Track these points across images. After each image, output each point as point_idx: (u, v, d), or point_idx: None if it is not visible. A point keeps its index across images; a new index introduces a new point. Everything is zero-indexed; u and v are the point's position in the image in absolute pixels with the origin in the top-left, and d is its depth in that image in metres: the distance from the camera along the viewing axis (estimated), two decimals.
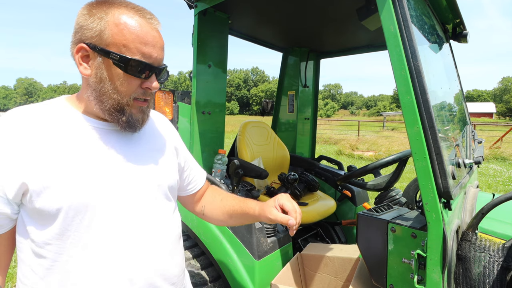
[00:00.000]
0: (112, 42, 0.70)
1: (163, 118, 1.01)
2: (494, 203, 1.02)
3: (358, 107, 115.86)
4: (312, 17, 2.02)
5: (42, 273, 0.70)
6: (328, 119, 29.84)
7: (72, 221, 0.69)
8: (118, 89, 0.73)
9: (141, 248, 0.77)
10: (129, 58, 0.70)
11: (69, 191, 0.68)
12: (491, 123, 26.14)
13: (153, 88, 0.76)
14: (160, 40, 0.76)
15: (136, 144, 0.83)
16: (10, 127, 0.68)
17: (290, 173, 2.12)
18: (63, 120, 0.74)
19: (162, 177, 0.85)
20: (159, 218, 0.83)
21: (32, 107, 0.74)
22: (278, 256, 1.62)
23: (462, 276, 1.02)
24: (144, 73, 0.73)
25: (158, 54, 0.75)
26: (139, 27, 0.71)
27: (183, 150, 1.01)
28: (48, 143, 0.69)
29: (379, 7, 1.00)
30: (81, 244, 0.70)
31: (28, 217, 0.70)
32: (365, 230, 1.21)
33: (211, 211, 1.06)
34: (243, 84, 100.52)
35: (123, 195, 0.75)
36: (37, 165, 0.67)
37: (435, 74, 1.34)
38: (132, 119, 0.76)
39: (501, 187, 6.14)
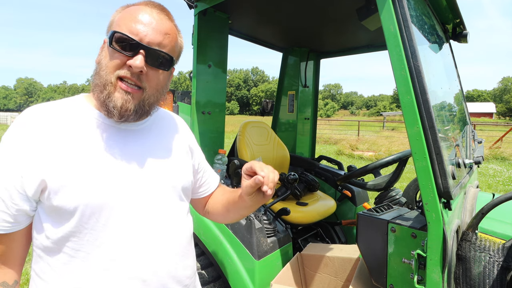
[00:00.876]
0: (112, 25, 0.74)
1: (179, 119, 1.01)
2: (494, 203, 1.02)
3: (358, 107, 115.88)
4: (312, 17, 2.02)
5: (59, 268, 0.71)
6: (328, 119, 29.84)
7: (89, 220, 0.70)
8: (106, 65, 0.72)
9: (155, 249, 0.78)
10: (113, 31, 0.71)
11: (86, 190, 0.69)
12: (491, 123, 26.14)
13: (134, 67, 0.70)
14: (160, 24, 0.74)
15: (150, 143, 0.83)
16: (30, 124, 0.69)
17: (290, 173, 2.12)
18: (80, 118, 0.75)
19: (176, 178, 0.85)
20: (173, 219, 0.83)
21: (52, 105, 0.75)
22: (278, 256, 1.62)
23: (462, 276, 1.02)
24: (128, 49, 0.71)
25: (148, 33, 0.72)
26: (137, 10, 0.73)
27: (197, 152, 1.00)
28: (66, 141, 0.70)
29: (379, 7, 1.00)
30: (98, 242, 0.71)
31: (45, 214, 0.71)
32: (365, 230, 1.21)
33: (213, 207, 1.04)
34: (243, 84, 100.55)
35: (139, 195, 0.76)
36: (55, 163, 0.68)
37: (435, 74, 1.34)
38: (110, 100, 0.71)
39: (501, 187, 6.14)
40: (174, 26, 0.79)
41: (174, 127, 0.94)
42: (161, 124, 0.90)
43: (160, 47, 0.74)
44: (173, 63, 0.79)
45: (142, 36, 0.71)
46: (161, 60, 0.75)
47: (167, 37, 0.75)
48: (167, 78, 0.81)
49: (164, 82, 0.80)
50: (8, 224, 0.70)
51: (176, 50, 0.81)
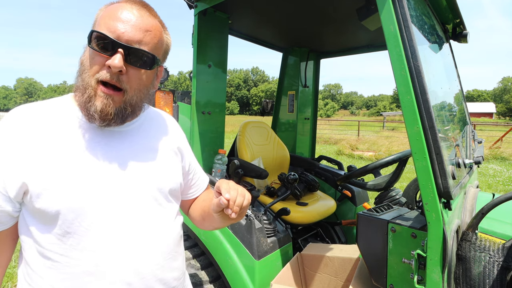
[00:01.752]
0: (94, 25, 0.72)
1: (170, 119, 0.99)
2: (494, 203, 1.02)
3: (358, 107, 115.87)
4: (312, 17, 2.02)
5: (43, 272, 0.70)
6: (328, 119, 29.84)
7: (71, 224, 0.68)
8: (86, 67, 0.70)
9: (139, 252, 0.76)
10: (92, 30, 0.69)
11: (68, 194, 0.67)
12: (491, 123, 26.14)
13: (112, 66, 0.66)
14: (140, 21, 0.70)
15: (138, 144, 0.81)
16: (13, 125, 0.68)
17: (290, 173, 2.12)
18: (65, 120, 0.73)
19: (163, 180, 0.83)
20: (158, 221, 0.81)
21: (38, 105, 0.74)
22: (278, 256, 1.62)
23: (462, 276, 1.02)
24: (106, 49, 0.68)
25: (127, 31, 0.68)
26: (117, 7, 0.71)
27: (188, 153, 0.98)
28: (49, 143, 0.69)
29: (379, 7, 1.00)
30: (80, 246, 0.70)
31: (30, 217, 0.70)
32: (365, 230, 1.21)
33: (193, 211, 1.02)
34: (243, 84, 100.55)
35: (122, 198, 0.74)
36: (37, 165, 0.66)
37: (435, 74, 1.34)
38: (90, 104, 0.69)
39: (501, 187, 6.14)
40: (158, 23, 0.76)
41: (164, 128, 0.92)
42: (149, 125, 0.88)
43: (141, 45, 0.70)
44: (157, 61, 0.75)
45: (120, 34, 0.68)
46: (143, 59, 0.72)
47: (148, 34, 0.72)
48: (151, 78, 0.78)
49: (147, 82, 0.76)
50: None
51: (160, 48, 0.77)
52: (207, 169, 1.98)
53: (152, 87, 0.80)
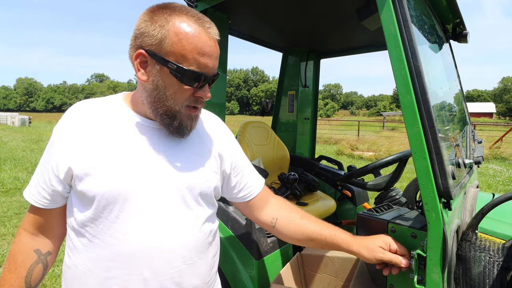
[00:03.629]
0: (171, 51, 0.72)
1: (215, 121, 1.00)
2: (494, 203, 1.02)
3: (358, 107, 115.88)
4: (312, 17, 2.02)
5: (81, 249, 0.77)
6: (328, 119, 29.84)
7: (103, 210, 0.75)
8: (172, 97, 0.76)
9: (159, 250, 0.77)
10: (186, 69, 0.73)
11: (103, 182, 0.74)
12: (491, 123, 26.15)
13: (206, 98, 0.78)
14: (216, 50, 0.77)
15: (176, 144, 0.84)
16: (69, 118, 0.78)
17: (290, 173, 2.12)
18: (114, 116, 0.80)
19: (194, 180, 0.83)
20: (183, 222, 0.81)
21: (94, 102, 0.83)
22: (278, 256, 1.62)
23: (462, 276, 1.02)
24: (198, 82, 0.75)
25: (213, 64, 0.76)
26: (197, 38, 0.73)
27: (230, 156, 0.96)
28: (96, 135, 0.76)
29: (379, 7, 1.00)
30: (110, 232, 0.75)
31: (75, 198, 0.78)
32: (365, 230, 1.21)
33: (287, 227, 1.01)
34: (243, 84, 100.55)
35: (152, 193, 0.77)
36: (82, 153, 0.74)
37: (435, 74, 1.34)
38: (182, 125, 0.79)
39: (501, 187, 6.14)
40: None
41: (204, 130, 0.93)
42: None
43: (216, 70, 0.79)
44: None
45: (209, 69, 0.76)
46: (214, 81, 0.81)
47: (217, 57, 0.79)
48: None
49: None
50: (47, 201, 0.79)
51: None
52: None
53: None
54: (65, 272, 0.82)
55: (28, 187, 0.82)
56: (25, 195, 0.82)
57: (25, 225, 0.83)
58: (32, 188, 0.81)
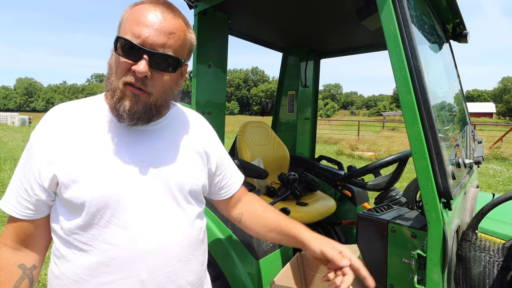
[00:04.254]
0: (120, 27, 0.74)
1: (200, 118, 0.99)
2: (494, 203, 1.02)
3: (358, 107, 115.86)
4: (312, 17, 2.02)
5: (70, 257, 0.75)
6: (328, 119, 29.83)
7: (94, 216, 0.72)
8: (114, 71, 0.73)
9: (155, 251, 0.77)
10: (118, 36, 0.71)
11: (92, 187, 0.72)
12: (491, 123, 26.15)
13: (138, 72, 0.68)
14: (164, 24, 0.70)
15: (161, 143, 0.82)
16: (50, 123, 0.75)
17: (290, 173, 2.12)
18: (95, 119, 0.78)
19: (184, 181, 0.83)
20: (176, 221, 0.81)
21: (73, 104, 0.80)
22: (278, 256, 1.62)
23: (462, 276, 1.02)
24: (132, 54, 0.69)
25: (151, 35, 0.69)
26: (140, 10, 0.71)
27: (216, 154, 0.96)
28: (79, 139, 0.74)
29: (379, 7, 1.00)
30: (101, 238, 0.73)
31: (60, 206, 0.75)
32: (365, 230, 1.21)
33: (250, 220, 1.01)
34: (243, 84, 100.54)
35: (142, 195, 0.76)
36: (67, 160, 0.72)
37: (435, 74, 1.34)
38: (119, 104, 0.72)
39: (501, 187, 6.14)
40: (182, 22, 0.76)
41: (190, 127, 0.92)
42: (176, 124, 0.88)
43: (165, 48, 0.71)
44: (180, 63, 0.76)
45: (144, 39, 0.69)
46: (167, 63, 0.72)
47: (172, 36, 0.72)
48: (175, 79, 0.79)
49: (172, 83, 0.77)
50: (30, 211, 0.75)
51: (184, 48, 0.77)
52: None
53: (177, 87, 0.82)
54: (52, 281, 0.79)
55: (4, 198, 0.77)
56: (2, 207, 0.76)
57: (5, 240, 0.77)
58: (11, 199, 0.76)
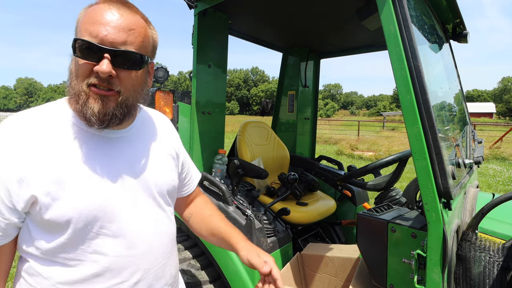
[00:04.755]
0: (76, 30, 0.71)
1: (165, 119, 0.99)
2: (494, 203, 1.02)
3: (358, 107, 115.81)
4: (312, 17, 2.02)
5: (49, 274, 0.71)
6: (328, 119, 29.83)
7: (82, 231, 0.70)
8: (75, 75, 0.69)
9: (144, 253, 0.79)
10: (75, 38, 0.67)
11: (77, 203, 0.68)
12: (491, 123, 26.15)
13: (100, 72, 0.65)
14: (121, 21, 0.68)
15: (136, 149, 0.82)
16: (10, 136, 0.67)
17: (290, 173, 2.12)
18: (63, 128, 0.72)
19: (162, 183, 0.85)
20: (159, 222, 0.84)
21: (34, 114, 0.72)
22: (278, 256, 1.62)
23: (462, 276, 1.02)
24: (92, 55, 0.66)
25: (110, 33, 0.66)
26: (95, 10, 0.68)
27: (182, 153, 0.99)
28: (50, 154, 0.68)
29: (379, 7, 1.00)
30: (91, 249, 0.72)
31: (34, 226, 0.70)
32: (365, 230, 1.21)
33: (197, 221, 1.05)
34: (243, 84, 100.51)
35: (127, 202, 0.76)
36: (42, 176, 0.66)
37: (435, 74, 1.34)
38: (86, 108, 0.68)
39: (501, 187, 6.14)
40: (141, 19, 0.73)
41: (159, 130, 0.92)
42: (145, 128, 0.88)
43: (126, 45, 0.68)
44: (145, 60, 0.73)
45: (103, 37, 0.66)
46: (130, 60, 0.70)
47: (132, 33, 0.69)
48: (143, 76, 0.76)
49: (140, 81, 0.75)
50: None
51: (147, 45, 0.75)
52: (207, 169, 1.98)
53: (145, 85, 0.79)
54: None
55: None
56: None
57: None
58: None
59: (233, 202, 1.71)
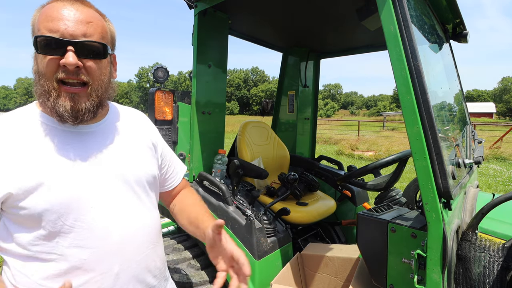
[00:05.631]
0: (33, 30, 0.72)
1: (139, 114, 1.02)
2: (494, 203, 1.02)
3: (358, 107, 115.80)
4: (312, 17, 2.02)
5: (30, 272, 0.72)
6: (328, 119, 29.84)
7: (55, 224, 0.71)
8: (42, 74, 0.71)
9: (124, 243, 0.80)
10: (36, 35, 0.69)
11: (48, 197, 0.70)
12: (491, 123, 26.14)
13: (68, 64, 0.68)
14: (78, 14, 0.70)
15: (110, 141, 0.83)
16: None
17: (290, 173, 2.12)
18: (37, 127, 0.74)
19: (140, 173, 0.86)
20: (139, 212, 0.85)
21: (5, 117, 0.75)
22: (278, 256, 1.62)
23: (462, 276, 1.02)
24: (55, 50, 0.68)
25: (69, 26, 0.69)
26: (50, 8, 0.71)
27: (161, 146, 1.01)
28: (25, 151, 0.70)
29: (379, 7, 1.00)
30: (67, 243, 0.73)
31: (11, 222, 0.72)
32: (365, 230, 1.21)
33: (179, 212, 1.06)
34: (243, 84, 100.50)
35: (101, 194, 0.77)
36: (13, 172, 0.68)
37: (435, 74, 1.34)
38: (58, 105, 0.70)
39: (501, 187, 6.14)
40: (95, 12, 0.76)
41: (134, 123, 0.95)
42: (118, 122, 0.90)
43: (87, 37, 0.71)
44: (107, 49, 0.76)
45: (63, 31, 0.68)
46: (94, 51, 0.72)
47: (91, 25, 0.72)
48: (107, 67, 0.79)
49: (105, 71, 0.78)
50: None
51: (106, 36, 0.78)
52: (207, 169, 1.98)
53: (111, 76, 0.82)
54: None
55: None
56: None
57: None
58: None
59: (233, 202, 1.71)
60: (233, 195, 1.76)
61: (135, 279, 0.82)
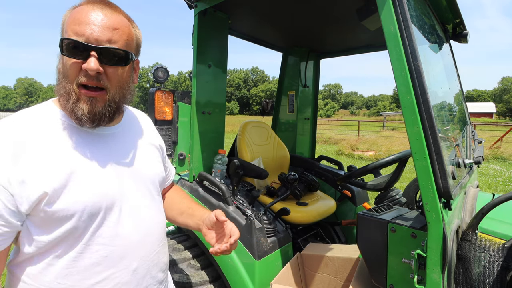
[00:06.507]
0: (62, 30, 0.74)
1: (146, 117, 1.05)
2: (494, 203, 1.02)
3: (358, 107, 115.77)
4: (312, 17, 2.02)
5: (48, 271, 0.73)
6: (328, 119, 29.83)
7: (85, 223, 0.74)
8: (65, 75, 0.72)
9: (142, 242, 0.84)
10: (61, 38, 0.70)
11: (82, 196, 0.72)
12: (491, 123, 26.13)
13: (89, 69, 0.69)
14: (106, 20, 0.71)
15: (128, 144, 0.88)
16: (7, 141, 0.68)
17: (290, 173, 2.12)
18: (56, 126, 0.75)
19: (153, 173, 0.92)
20: (154, 211, 0.90)
21: (23, 116, 0.74)
22: (278, 256, 1.62)
23: (462, 276, 1.02)
24: (79, 53, 0.69)
25: (95, 32, 0.69)
26: (78, 11, 0.72)
27: (163, 148, 1.06)
28: (46, 151, 0.70)
29: (379, 7, 1.00)
30: (91, 241, 0.75)
31: (35, 225, 0.71)
32: (365, 230, 1.21)
33: (168, 204, 1.10)
34: (243, 84, 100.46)
35: (127, 195, 0.81)
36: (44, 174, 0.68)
37: (435, 74, 1.34)
38: (76, 108, 0.71)
39: (501, 187, 6.14)
40: (124, 18, 0.77)
41: (144, 126, 0.99)
42: (131, 125, 0.94)
43: (111, 43, 0.72)
44: (131, 57, 0.76)
45: (88, 36, 0.69)
46: (116, 57, 0.73)
47: (116, 32, 0.73)
48: (129, 73, 0.80)
49: (126, 77, 0.79)
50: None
51: (132, 43, 0.78)
52: (207, 169, 1.98)
53: (131, 82, 0.83)
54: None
55: None
56: None
57: None
58: None
59: (233, 202, 1.71)
60: (233, 195, 1.76)
61: (149, 274, 0.86)
